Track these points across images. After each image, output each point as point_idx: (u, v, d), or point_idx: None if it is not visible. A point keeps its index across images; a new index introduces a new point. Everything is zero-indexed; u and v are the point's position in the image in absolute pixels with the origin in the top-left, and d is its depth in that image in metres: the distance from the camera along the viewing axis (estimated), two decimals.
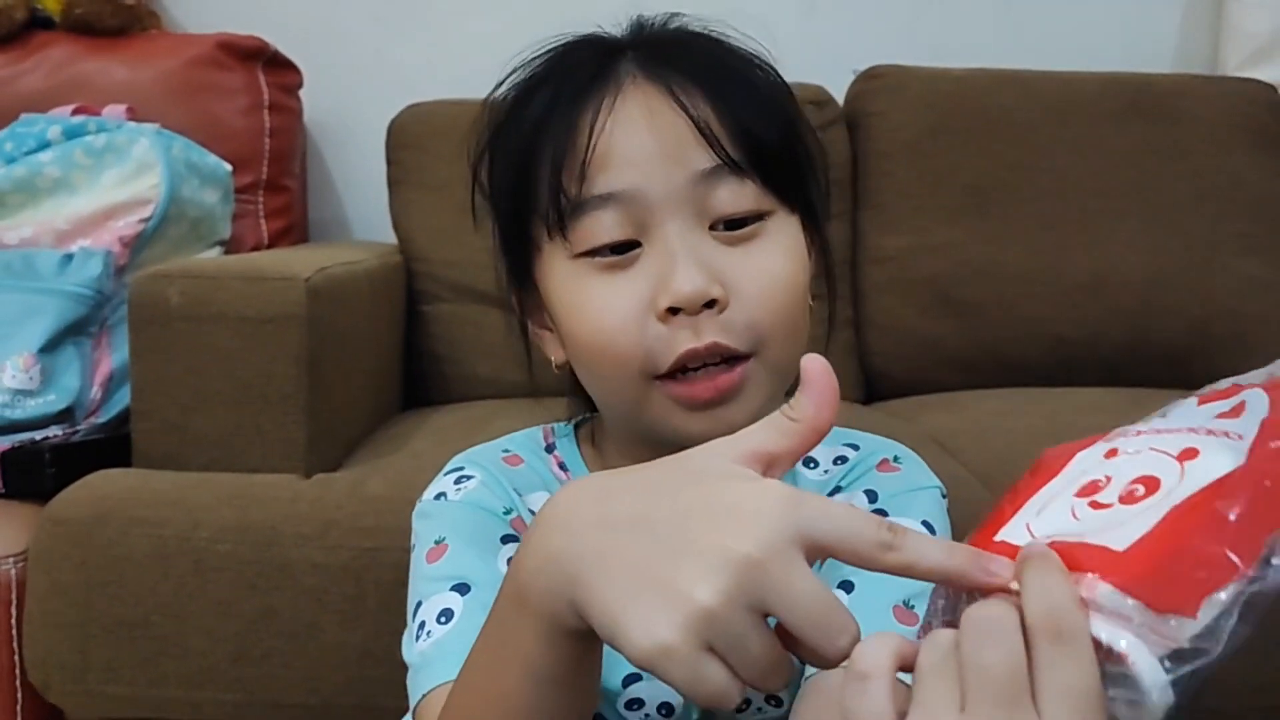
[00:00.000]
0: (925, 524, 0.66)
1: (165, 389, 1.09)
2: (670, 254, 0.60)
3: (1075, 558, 0.37)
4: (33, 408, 1.24)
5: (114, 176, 1.42)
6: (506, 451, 0.72)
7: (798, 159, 0.65)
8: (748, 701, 0.65)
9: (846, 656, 0.39)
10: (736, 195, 0.61)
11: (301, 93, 1.78)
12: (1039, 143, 1.68)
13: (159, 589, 1.00)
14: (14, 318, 1.27)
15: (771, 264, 0.62)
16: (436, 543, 0.65)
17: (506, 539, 0.65)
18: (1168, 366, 1.61)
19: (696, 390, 0.60)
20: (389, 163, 1.67)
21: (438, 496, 0.68)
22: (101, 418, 1.29)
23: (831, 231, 1.58)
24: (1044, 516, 0.41)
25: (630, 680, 0.66)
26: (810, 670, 0.61)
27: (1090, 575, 0.37)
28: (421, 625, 0.61)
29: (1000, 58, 1.83)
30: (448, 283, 1.57)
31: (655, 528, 0.41)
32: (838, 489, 0.69)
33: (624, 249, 0.61)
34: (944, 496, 0.69)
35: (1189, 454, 0.40)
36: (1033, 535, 0.40)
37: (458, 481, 0.68)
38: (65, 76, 1.61)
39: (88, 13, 1.62)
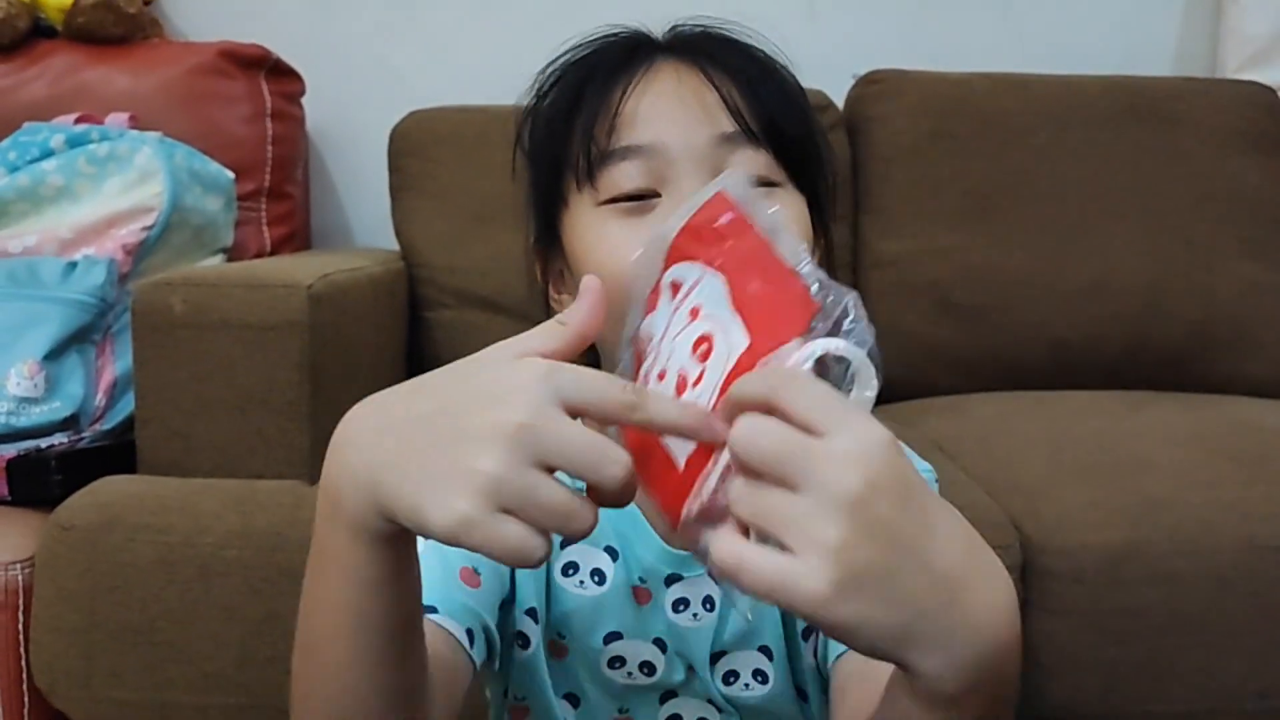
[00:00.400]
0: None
1: (169, 396, 1.10)
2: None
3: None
4: (38, 415, 1.24)
5: (117, 185, 1.43)
6: None
7: (810, 147, 0.69)
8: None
9: (622, 481, 0.44)
10: (751, 161, 0.65)
11: (304, 100, 1.78)
12: (1038, 147, 1.68)
13: (164, 595, 1.01)
14: (18, 325, 1.28)
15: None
16: None
17: None
18: (1168, 369, 1.63)
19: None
20: (391, 169, 1.68)
21: None
22: (106, 424, 1.29)
23: (832, 235, 1.59)
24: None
25: (611, 638, 0.69)
26: (838, 648, 0.63)
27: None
28: None
29: (1000, 62, 1.84)
30: (450, 289, 1.59)
31: (434, 421, 0.45)
32: None
33: (644, 197, 0.65)
34: (935, 481, 0.73)
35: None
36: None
37: None
38: (68, 85, 1.61)
39: (90, 21, 1.62)
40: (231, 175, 1.57)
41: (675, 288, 0.49)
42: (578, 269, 0.68)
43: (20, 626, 1.04)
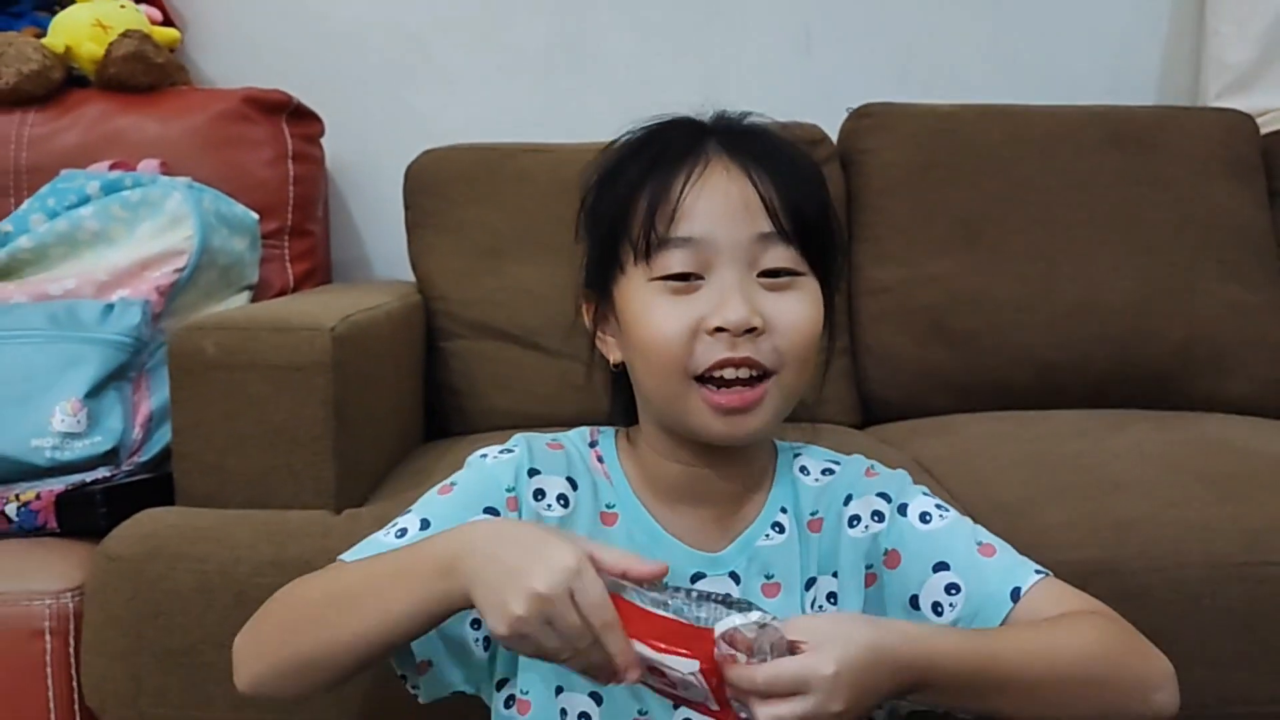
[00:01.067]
0: (925, 493, 0.87)
1: (203, 433, 1.16)
2: (725, 289, 0.77)
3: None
4: (80, 449, 1.31)
5: (149, 229, 1.50)
6: (554, 440, 0.89)
7: (828, 237, 0.83)
8: None
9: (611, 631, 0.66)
10: (782, 255, 0.79)
11: (323, 141, 1.85)
12: (1026, 175, 1.74)
13: (204, 619, 1.07)
14: (61, 366, 1.34)
15: (799, 309, 0.79)
16: (451, 484, 0.86)
17: (487, 510, 0.83)
18: (1152, 388, 1.68)
19: (726, 399, 0.77)
20: (407, 206, 1.73)
21: (483, 455, 0.88)
22: (143, 456, 1.35)
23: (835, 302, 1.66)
24: None
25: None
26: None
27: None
28: (393, 524, 0.84)
29: (990, 93, 1.91)
30: (465, 320, 1.64)
31: (515, 554, 0.68)
32: (849, 496, 0.87)
33: (689, 278, 0.78)
34: (909, 478, 0.90)
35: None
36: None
37: (501, 452, 0.87)
38: (101, 132, 1.67)
39: (121, 72, 1.68)
40: (256, 216, 1.64)
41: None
42: (626, 325, 0.81)
43: (72, 650, 1.09)
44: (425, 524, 0.82)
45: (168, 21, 1.86)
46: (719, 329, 0.76)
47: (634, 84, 1.99)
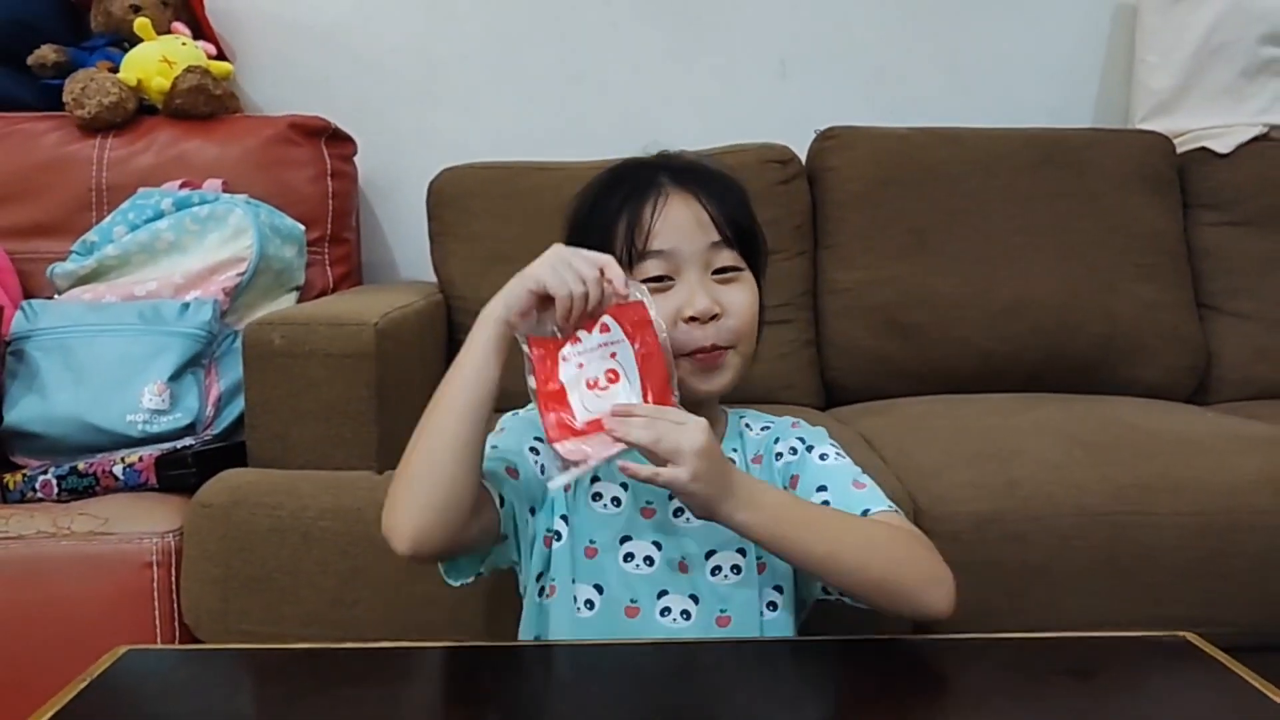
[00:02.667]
0: (832, 444, 1.08)
1: (271, 409, 1.36)
2: (692, 287, 1.01)
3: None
4: (166, 423, 1.53)
5: (216, 239, 1.72)
6: None
7: (756, 240, 1.07)
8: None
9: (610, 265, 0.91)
10: (728, 256, 1.03)
11: (356, 159, 2.04)
12: (970, 190, 1.92)
13: (278, 554, 1.27)
14: (149, 354, 1.56)
15: (744, 296, 1.03)
16: (501, 428, 1.07)
17: (537, 438, 1.03)
18: (1078, 375, 1.88)
19: (703, 360, 1.01)
20: (430, 218, 1.91)
21: (513, 414, 1.09)
22: (215, 429, 1.57)
23: (795, 268, 1.90)
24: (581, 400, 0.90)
25: (624, 540, 1.03)
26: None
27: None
28: (487, 440, 0.98)
29: (947, 115, 2.08)
30: None
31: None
32: (778, 439, 1.09)
33: (663, 279, 1.01)
34: (828, 434, 1.11)
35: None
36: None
37: (514, 414, 1.09)
38: (170, 155, 1.87)
39: (185, 102, 1.89)
40: (302, 227, 1.84)
41: (605, 328, 0.90)
42: None
43: (173, 579, 1.31)
44: (494, 445, 1.02)
45: (221, 55, 2.06)
46: (692, 318, 0.99)
47: (632, 109, 2.17)
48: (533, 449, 1.04)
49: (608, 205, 1.05)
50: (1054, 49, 2.24)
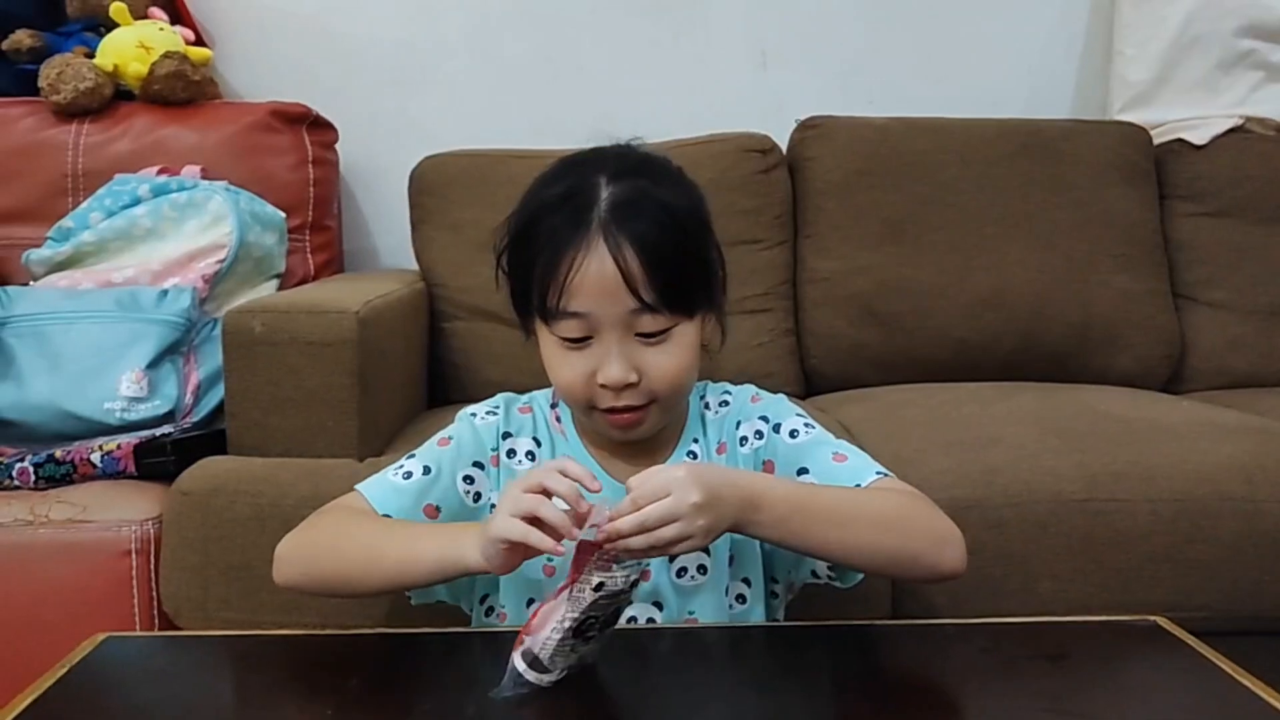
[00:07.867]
0: (797, 414, 1.04)
1: (251, 397, 1.37)
2: (607, 352, 0.93)
3: None
4: (144, 411, 1.52)
5: (194, 226, 1.71)
6: (525, 403, 1.08)
7: (700, 279, 0.96)
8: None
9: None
10: (652, 321, 0.93)
11: (337, 146, 2.04)
12: (946, 180, 1.93)
13: (258, 542, 1.26)
14: (126, 341, 1.56)
15: (669, 360, 0.95)
16: (448, 437, 1.03)
17: (475, 464, 1.02)
18: (1053, 364, 1.90)
19: (617, 420, 0.97)
20: (411, 205, 1.91)
21: (472, 414, 1.06)
22: (195, 417, 1.56)
23: (775, 257, 1.91)
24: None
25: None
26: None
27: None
28: (400, 466, 1.00)
29: (925, 105, 2.09)
30: (463, 305, 1.84)
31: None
32: (739, 421, 1.05)
33: (582, 340, 0.94)
34: (790, 399, 1.08)
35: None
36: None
37: (487, 413, 1.06)
38: (147, 141, 1.86)
39: (163, 88, 1.88)
40: (283, 214, 1.84)
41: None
42: (544, 360, 0.99)
43: (152, 566, 1.31)
44: (427, 470, 0.99)
45: (199, 41, 2.05)
46: (603, 385, 0.94)
47: (611, 97, 2.17)
48: (467, 477, 1.01)
49: (530, 244, 0.95)
50: (1032, 41, 2.25)
